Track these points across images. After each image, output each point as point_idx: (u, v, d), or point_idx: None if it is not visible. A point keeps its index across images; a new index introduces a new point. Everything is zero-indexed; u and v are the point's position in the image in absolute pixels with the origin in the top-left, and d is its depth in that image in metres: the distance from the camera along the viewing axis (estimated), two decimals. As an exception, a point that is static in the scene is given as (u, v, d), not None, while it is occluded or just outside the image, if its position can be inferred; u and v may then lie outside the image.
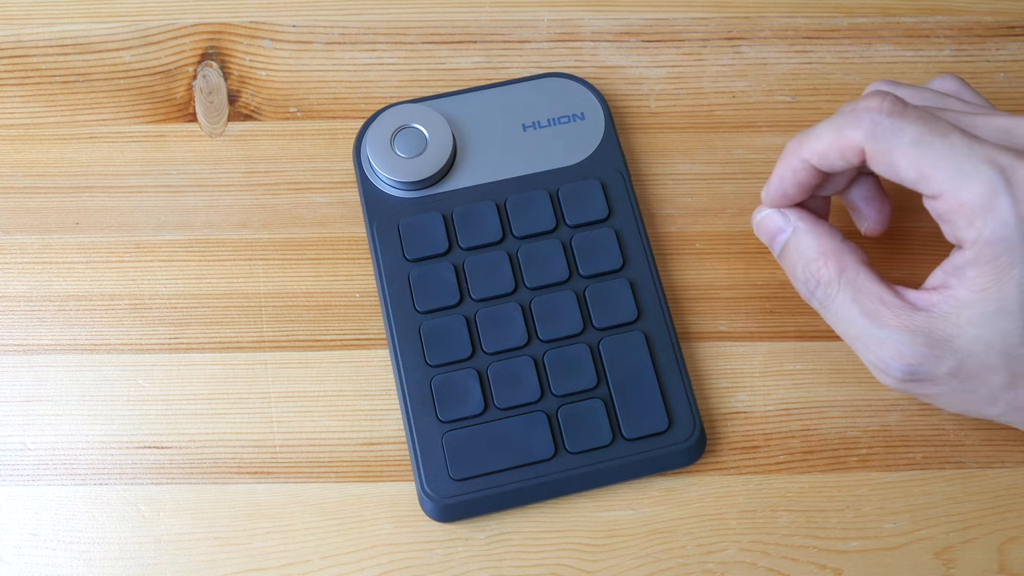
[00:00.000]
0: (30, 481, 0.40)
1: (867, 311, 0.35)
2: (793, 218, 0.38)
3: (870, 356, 0.35)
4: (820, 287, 0.36)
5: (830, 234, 0.37)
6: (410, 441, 0.39)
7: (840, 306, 0.36)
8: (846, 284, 0.36)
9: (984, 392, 0.35)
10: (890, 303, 0.35)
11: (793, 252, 0.37)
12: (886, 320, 0.34)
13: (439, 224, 0.42)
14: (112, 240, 0.43)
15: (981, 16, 0.47)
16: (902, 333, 0.34)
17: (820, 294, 0.36)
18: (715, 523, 0.39)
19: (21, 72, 0.46)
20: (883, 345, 0.35)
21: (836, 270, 0.36)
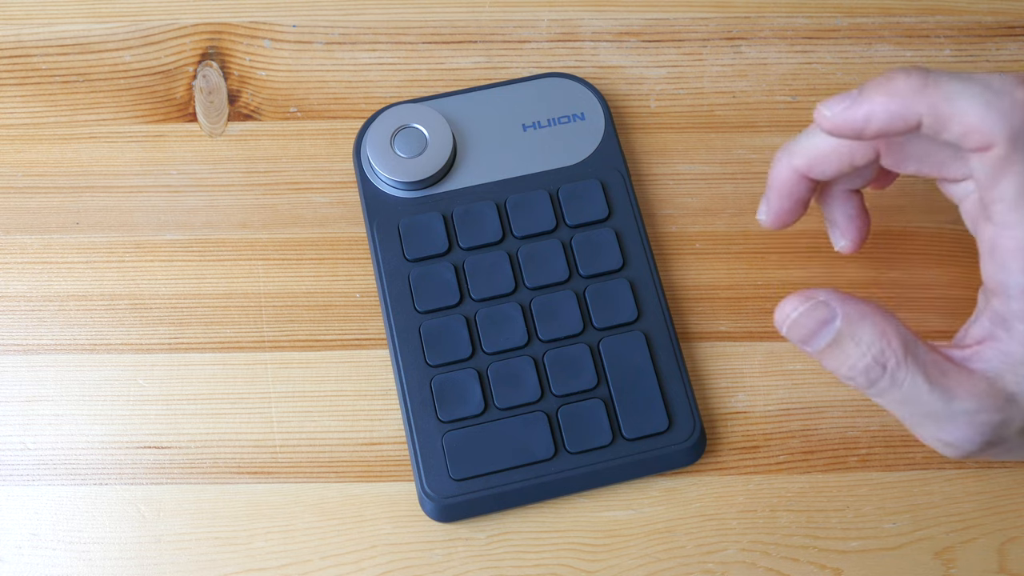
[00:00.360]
0: (30, 481, 0.40)
1: (936, 386, 0.31)
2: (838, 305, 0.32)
3: (941, 435, 0.32)
4: (887, 373, 0.31)
5: (880, 311, 0.32)
6: (410, 441, 0.39)
7: (908, 388, 0.31)
8: (913, 362, 0.31)
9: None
10: (950, 372, 0.31)
11: (848, 343, 0.32)
12: (954, 392, 0.31)
13: (439, 224, 0.42)
14: (112, 240, 0.43)
15: (981, 16, 0.47)
16: (972, 402, 0.31)
17: (886, 381, 0.32)
18: (715, 523, 0.39)
19: (21, 72, 0.46)
20: (955, 420, 0.31)
21: (902, 350, 0.31)
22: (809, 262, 0.43)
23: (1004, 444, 0.32)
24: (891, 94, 0.31)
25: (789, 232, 0.43)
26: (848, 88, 0.46)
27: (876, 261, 0.43)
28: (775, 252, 0.43)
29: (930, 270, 0.43)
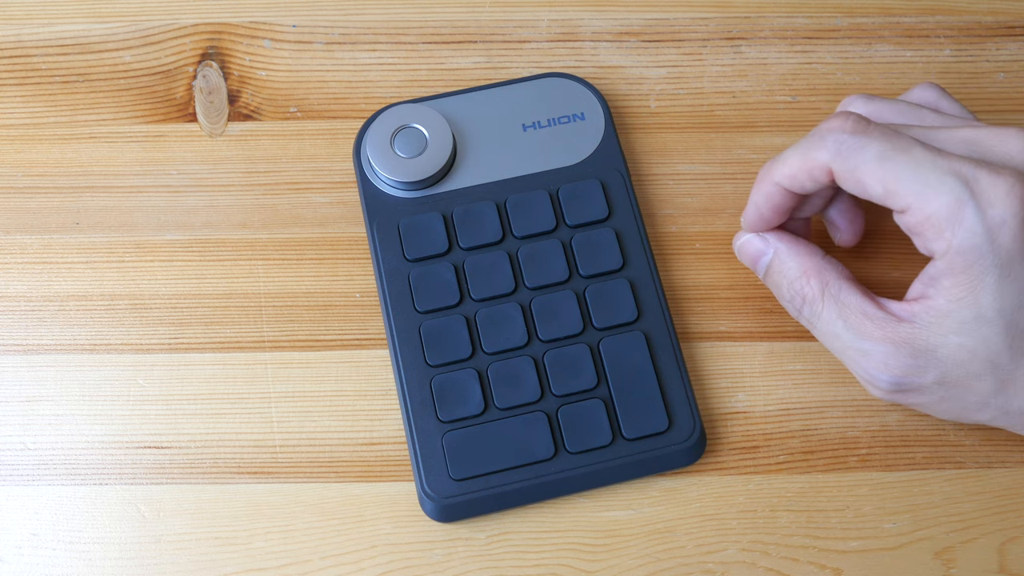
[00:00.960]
0: (30, 481, 0.40)
1: (852, 325, 0.36)
2: (772, 240, 0.38)
3: (857, 369, 0.36)
4: (806, 305, 0.37)
5: (810, 252, 0.38)
6: (410, 441, 0.39)
7: (826, 322, 0.37)
8: (830, 300, 0.36)
9: (972, 399, 0.35)
10: (873, 316, 0.35)
11: (776, 273, 0.38)
12: (870, 333, 0.35)
13: (439, 224, 0.42)
14: (112, 240, 0.43)
15: (981, 16, 0.47)
16: (886, 345, 0.35)
17: (807, 312, 0.37)
18: (715, 523, 0.39)
19: (21, 72, 0.46)
20: (869, 358, 0.35)
21: (819, 287, 0.37)
22: (809, 262, 0.43)
23: (921, 392, 0.36)
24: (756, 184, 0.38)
25: (789, 232, 0.43)
26: (847, 89, 0.46)
27: (876, 261, 0.43)
28: (775, 252, 0.43)
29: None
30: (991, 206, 0.32)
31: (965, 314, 0.33)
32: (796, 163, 0.36)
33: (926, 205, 0.33)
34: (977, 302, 0.33)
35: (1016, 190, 0.32)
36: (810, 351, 0.42)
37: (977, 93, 0.46)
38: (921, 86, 0.40)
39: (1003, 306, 0.33)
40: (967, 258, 0.33)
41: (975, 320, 0.33)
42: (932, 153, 0.33)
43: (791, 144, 0.45)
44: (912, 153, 0.33)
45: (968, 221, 0.32)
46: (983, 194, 0.32)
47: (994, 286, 0.33)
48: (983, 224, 0.32)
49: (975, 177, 0.33)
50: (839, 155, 0.34)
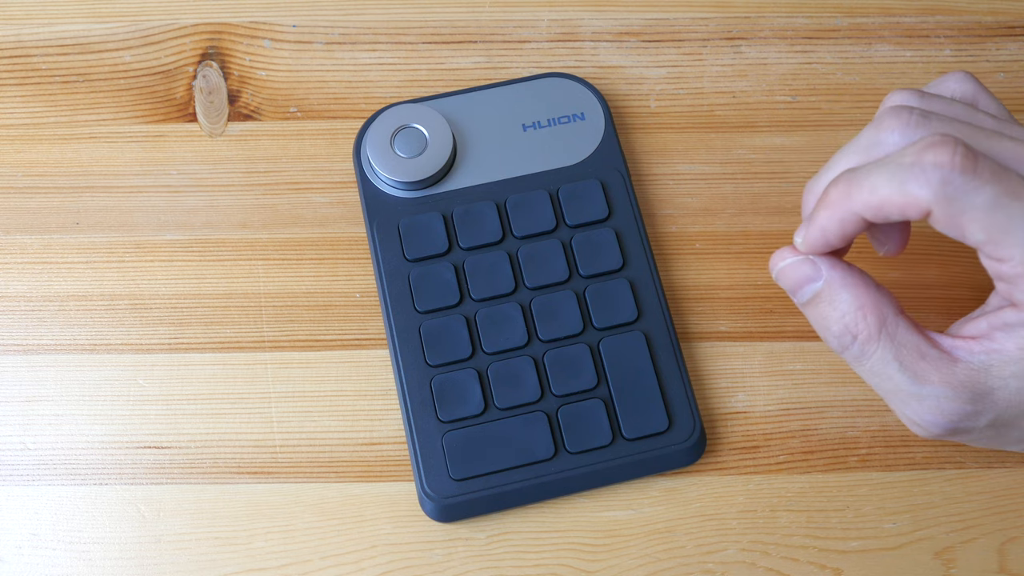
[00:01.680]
0: (30, 481, 0.40)
1: (907, 366, 0.33)
2: (825, 267, 0.34)
3: (907, 412, 0.33)
4: (857, 343, 0.33)
5: (866, 284, 0.34)
6: (410, 441, 0.39)
7: (878, 362, 0.33)
8: (886, 339, 0.33)
9: (1015, 435, 0.34)
10: (930, 356, 0.32)
11: (826, 305, 0.34)
12: (928, 376, 0.32)
13: (439, 224, 0.42)
14: (112, 240, 0.43)
15: (981, 16, 0.47)
16: (944, 389, 0.32)
17: (856, 350, 0.34)
18: (715, 523, 0.39)
19: (21, 72, 0.46)
20: (923, 402, 0.33)
21: (877, 325, 0.33)
22: (809, 262, 0.43)
23: (970, 433, 0.33)
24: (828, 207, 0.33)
25: (789, 232, 0.43)
26: (847, 89, 0.46)
27: (876, 261, 0.43)
28: (775, 252, 0.43)
29: (930, 270, 0.43)
30: None
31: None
32: (887, 195, 0.31)
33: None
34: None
35: None
36: (810, 351, 0.42)
37: (977, 93, 0.46)
38: (955, 77, 0.36)
39: None
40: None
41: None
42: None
43: (791, 144, 0.45)
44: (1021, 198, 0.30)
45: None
46: None
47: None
48: None
49: None
50: (945, 198, 0.30)
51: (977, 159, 0.30)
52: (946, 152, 0.30)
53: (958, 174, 0.30)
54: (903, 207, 0.31)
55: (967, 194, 0.30)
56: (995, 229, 0.30)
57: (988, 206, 0.30)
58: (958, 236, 0.31)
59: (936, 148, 0.30)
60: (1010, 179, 0.30)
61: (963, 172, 0.30)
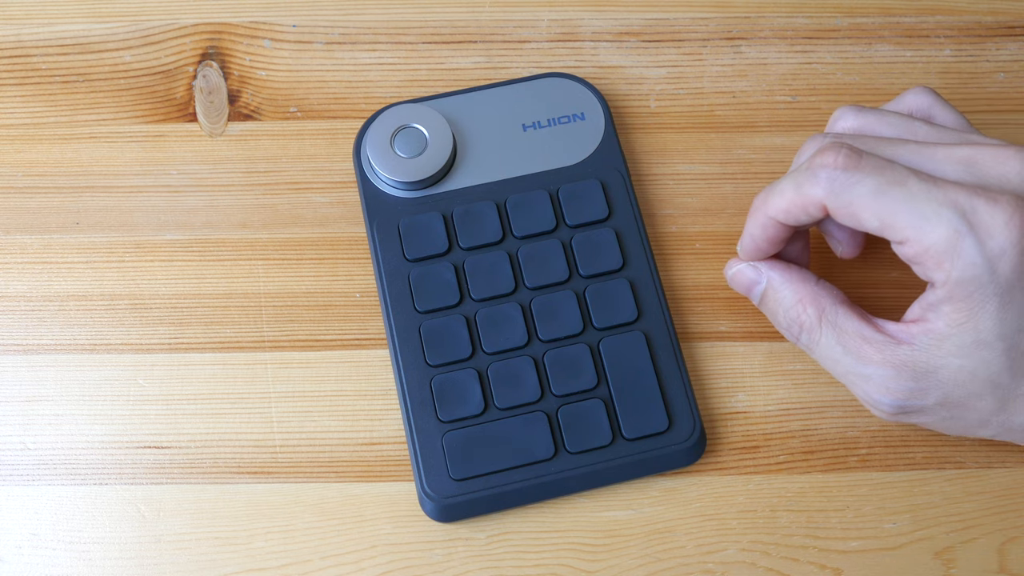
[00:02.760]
0: (30, 481, 0.40)
1: (851, 350, 0.35)
2: (765, 269, 0.38)
3: (860, 393, 0.36)
4: (803, 332, 0.37)
5: (803, 279, 0.37)
6: (410, 441, 0.39)
7: (824, 348, 0.36)
8: (827, 326, 0.36)
9: (974, 417, 0.35)
10: (872, 339, 0.35)
11: (771, 302, 0.38)
12: (870, 357, 0.35)
13: (439, 224, 0.42)
14: (112, 240, 0.43)
15: (981, 16, 0.47)
16: (887, 368, 0.35)
17: (804, 339, 0.37)
18: (715, 523, 0.39)
19: (21, 72, 0.46)
20: (870, 382, 0.35)
21: (816, 314, 0.36)
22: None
23: (923, 413, 0.36)
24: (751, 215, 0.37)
25: (789, 232, 0.43)
26: (847, 89, 0.46)
27: (876, 261, 0.43)
28: (775, 252, 0.43)
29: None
30: (990, 237, 0.32)
31: (965, 339, 0.33)
32: (790, 198, 0.35)
33: (924, 238, 0.33)
34: (977, 328, 0.33)
35: (1015, 219, 0.32)
36: (810, 351, 0.42)
37: (977, 93, 0.46)
38: (914, 91, 0.39)
39: (1003, 331, 0.33)
40: (967, 288, 0.33)
41: (975, 344, 0.33)
42: (927, 184, 0.33)
43: (791, 144, 0.45)
44: (907, 185, 0.33)
45: (967, 253, 0.32)
46: (981, 225, 0.32)
47: (994, 313, 0.33)
48: (983, 255, 0.32)
49: (972, 207, 0.32)
50: (832, 192, 0.34)
51: (861, 157, 0.34)
52: (831, 155, 0.34)
53: (840, 171, 0.34)
54: (805, 206, 0.35)
55: (852, 187, 0.33)
56: (884, 214, 0.33)
57: (872, 194, 0.33)
58: (857, 225, 0.34)
59: (823, 152, 0.34)
60: (894, 170, 0.33)
61: (846, 169, 0.34)
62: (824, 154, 0.34)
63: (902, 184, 0.33)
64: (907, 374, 0.34)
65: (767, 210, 0.36)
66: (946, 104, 0.38)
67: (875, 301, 0.42)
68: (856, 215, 0.34)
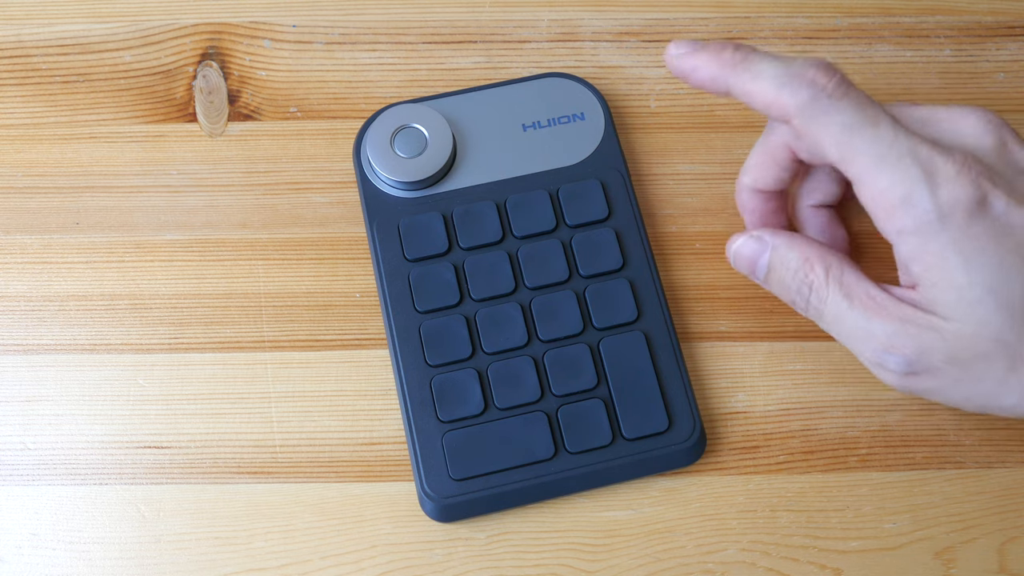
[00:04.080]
0: (30, 481, 0.40)
1: (857, 306, 0.35)
2: (768, 237, 0.38)
3: (866, 352, 0.35)
4: (813, 292, 0.36)
5: (809, 242, 0.37)
6: (410, 441, 0.39)
7: (833, 306, 0.36)
8: (834, 283, 0.36)
9: (990, 381, 0.34)
10: (876, 296, 0.35)
11: (780, 268, 0.37)
12: (876, 312, 0.35)
13: (439, 224, 0.42)
14: (112, 240, 0.43)
15: (981, 16, 0.47)
16: (893, 324, 0.34)
17: (814, 299, 0.36)
18: (715, 523, 0.39)
19: (21, 72, 0.46)
20: (876, 339, 0.35)
21: (823, 271, 0.36)
22: (809, 262, 0.43)
23: (933, 374, 0.34)
24: (712, 62, 0.36)
25: (789, 232, 0.43)
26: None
27: (876, 261, 0.43)
28: (775, 252, 0.43)
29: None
30: (940, 187, 0.32)
31: (948, 296, 0.33)
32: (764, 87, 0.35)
33: (877, 181, 0.33)
34: (953, 283, 0.33)
35: (965, 171, 0.32)
36: (810, 351, 0.42)
37: (977, 93, 0.46)
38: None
39: (990, 284, 0.33)
40: (922, 239, 0.33)
41: (959, 302, 0.33)
42: (897, 131, 0.33)
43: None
44: (878, 127, 0.33)
45: (918, 201, 0.32)
46: (935, 175, 0.32)
47: (963, 267, 0.32)
48: (934, 204, 0.32)
49: (930, 159, 0.32)
50: (807, 110, 0.34)
51: (849, 89, 0.34)
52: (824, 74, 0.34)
53: (826, 96, 0.33)
54: (768, 105, 0.35)
55: (828, 113, 0.33)
56: (847, 149, 0.33)
57: (843, 126, 0.33)
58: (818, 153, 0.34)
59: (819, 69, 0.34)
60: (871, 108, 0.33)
61: (832, 96, 0.33)
62: (818, 70, 0.34)
63: (874, 125, 0.33)
64: (912, 329, 0.34)
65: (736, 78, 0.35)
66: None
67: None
68: (820, 142, 0.34)
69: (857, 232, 0.43)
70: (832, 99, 0.33)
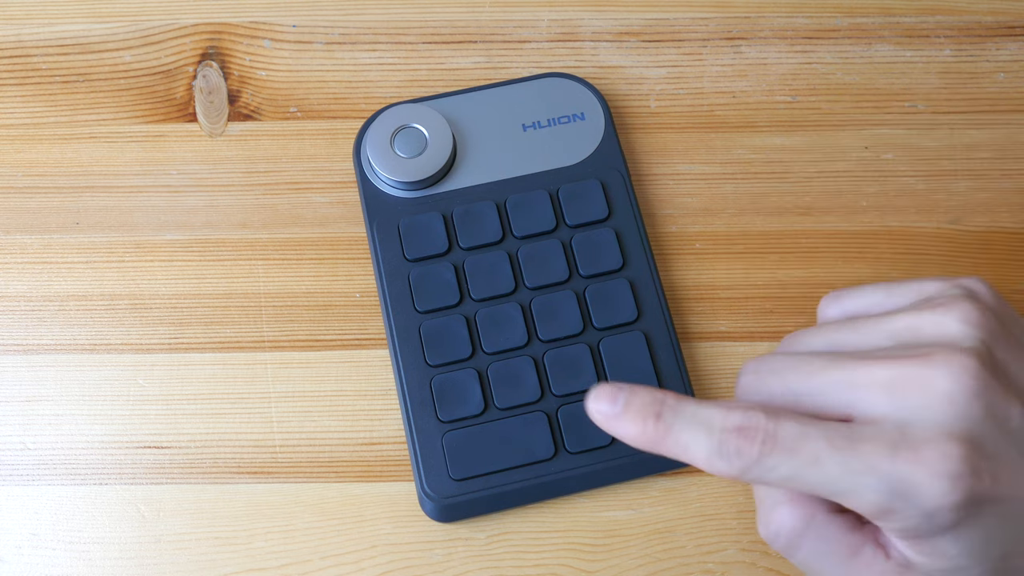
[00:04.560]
0: (30, 481, 0.40)
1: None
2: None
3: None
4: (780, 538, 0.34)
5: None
6: (410, 441, 0.39)
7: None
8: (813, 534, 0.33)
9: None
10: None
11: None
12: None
13: (439, 224, 0.42)
14: (112, 240, 0.43)
15: (981, 16, 0.47)
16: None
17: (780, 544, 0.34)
18: (715, 523, 0.39)
19: (21, 72, 0.46)
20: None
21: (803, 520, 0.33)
22: (809, 262, 0.43)
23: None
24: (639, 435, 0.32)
25: (789, 232, 0.43)
26: (847, 89, 0.46)
27: (877, 261, 0.43)
28: (775, 252, 0.43)
29: (929, 270, 0.43)
30: (919, 497, 0.30)
31: (938, 564, 0.31)
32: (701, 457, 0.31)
33: (856, 505, 0.31)
34: (945, 555, 0.31)
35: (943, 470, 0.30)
36: (810, 351, 0.42)
37: (977, 93, 0.46)
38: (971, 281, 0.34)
39: (978, 552, 0.31)
40: (914, 533, 0.31)
41: (954, 570, 0.31)
42: (844, 455, 0.30)
43: (791, 144, 0.45)
44: (822, 464, 0.30)
45: (901, 515, 0.30)
46: (909, 488, 0.30)
47: (951, 542, 0.31)
48: (919, 512, 0.30)
49: (896, 472, 0.30)
50: (745, 475, 0.31)
51: (777, 439, 0.30)
52: (747, 441, 0.31)
53: (754, 462, 0.30)
54: (704, 467, 0.31)
55: (767, 473, 0.30)
56: (809, 489, 0.31)
57: (789, 477, 0.30)
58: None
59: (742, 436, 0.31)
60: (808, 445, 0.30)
61: (759, 460, 0.30)
62: (741, 437, 0.31)
63: (817, 464, 0.30)
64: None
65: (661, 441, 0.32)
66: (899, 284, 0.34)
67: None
68: (777, 488, 0.32)
69: (857, 232, 0.43)
70: (762, 460, 0.31)
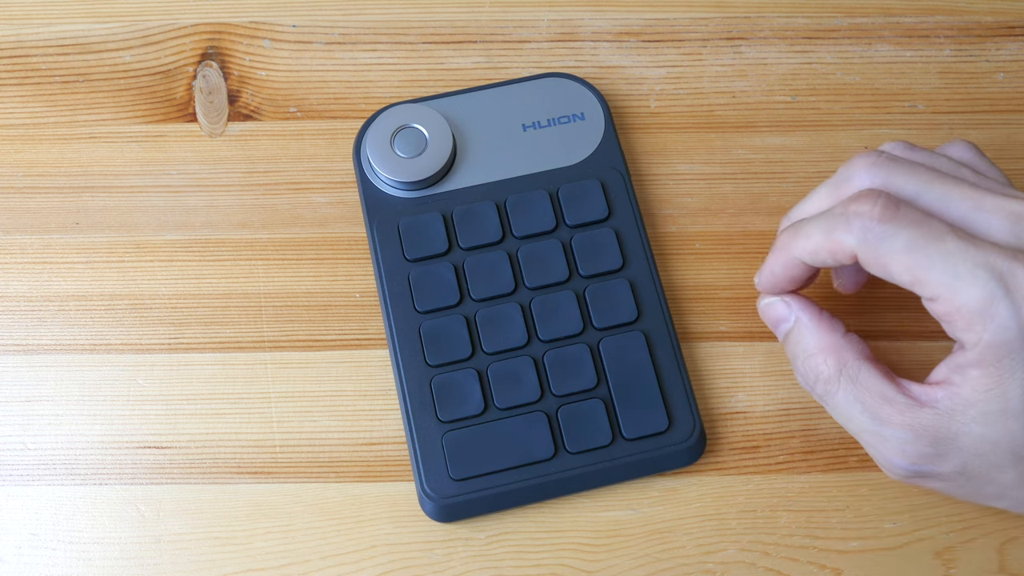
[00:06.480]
0: (30, 481, 0.40)
1: (868, 408, 0.34)
2: (796, 308, 0.37)
3: (873, 452, 0.35)
4: (819, 383, 0.36)
5: (831, 328, 0.36)
6: (410, 441, 0.39)
7: (840, 402, 0.35)
8: (846, 381, 0.35)
9: (991, 489, 0.34)
10: (893, 399, 0.34)
11: (795, 344, 0.37)
12: (889, 418, 0.34)
13: (439, 224, 0.42)
14: (112, 240, 0.43)
15: (981, 16, 0.47)
16: (905, 431, 0.33)
17: (820, 389, 0.36)
18: (715, 523, 0.39)
19: (21, 72, 0.46)
20: (886, 443, 0.34)
21: (836, 367, 0.35)
22: (809, 262, 0.43)
23: (939, 479, 0.34)
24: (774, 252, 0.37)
25: (789, 232, 0.43)
26: (847, 89, 0.46)
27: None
28: (775, 252, 0.43)
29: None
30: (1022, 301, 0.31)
31: (992, 406, 0.32)
32: (819, 241, 0.34)
33: (956, 296, 0.31)
34: (1004, 395, 0.32)
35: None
36: (810, 351, 0.42)
37: (977, 93, 0.46)
38: (955, 143, 0.37)
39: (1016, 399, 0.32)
40: (998, 352, 0.31)
41: (1000, 413, 0.32)
42: (965, 242, 0.32)
43: (791, 144, 0.45)
44: (944, 242, 0.32)
45: (1001, 316, 0.31)
46: (1018, 289, 0.31)
47: (1023, 381, 0.31)
48: (1016, 320, 0.31)
49: (1010, 271, 0.31)
50: (865, 242, 0.32)
51: (899, 208, 0.33)
52: (867, 202, 0.33)
53: (876, 222, 0.32)
54: (833, 252, 0.34)
55: (887, 239, 0.32)
56: (917, 269, 0.32)
57: (907, 248, 0.32)
58: (888, 277, 0.33)
59: (860, 199, 0.33)
60: (931, 225, 0.32)
61: (881, 220, 0.32)
62: (861, 201, 0.33)
63: (939, 240, 0.32)
64: (926, 439, 0.33)
65: (793, 250, 0.35)
66: (986, 157, 0.37)
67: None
68: (887, 267, 0.33)
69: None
70: (883, 224, 0.32)
